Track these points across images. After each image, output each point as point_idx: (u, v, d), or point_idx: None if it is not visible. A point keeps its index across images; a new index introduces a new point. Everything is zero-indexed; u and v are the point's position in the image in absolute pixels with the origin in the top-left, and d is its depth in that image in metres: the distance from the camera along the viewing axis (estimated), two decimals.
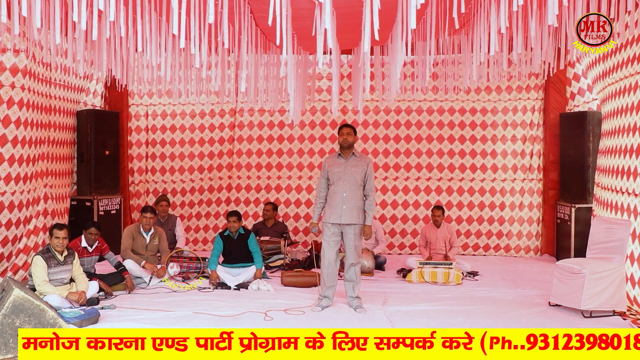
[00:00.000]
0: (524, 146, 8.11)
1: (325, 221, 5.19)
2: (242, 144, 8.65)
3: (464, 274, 6.56)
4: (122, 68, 5.33)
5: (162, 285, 6.10)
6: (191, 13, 3.65)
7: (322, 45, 3.34)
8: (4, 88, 5.79)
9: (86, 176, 7.60)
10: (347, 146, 5.16)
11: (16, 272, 5.97)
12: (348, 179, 5.11)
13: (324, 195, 5.25)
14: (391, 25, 4.74)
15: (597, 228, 5.32)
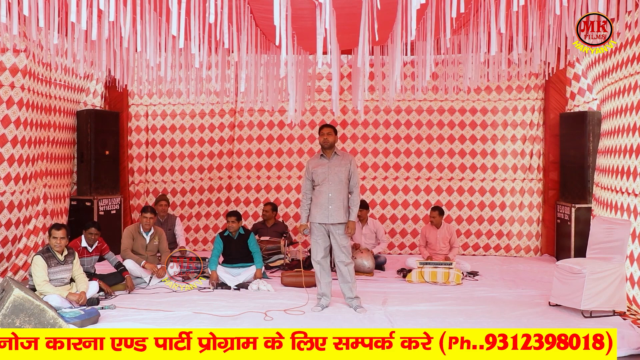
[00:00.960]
0: (524, 146, 8.11)
1: (312, 221, 5.21)
2: (242, 144, 8.64)
3: (464, 274, 6.56)
4: (122, 68, 5.33)
5: (162, 285, 6.10)
6: (191, 13, 3.65)
7: (322, 45, 3.35)
8: (4, 88, 5.79)
9: (86, 176, 7.60)
10: (328, 146, 5.21)
11: (16, 272, 5.97)
12: (332, 178, 5.14)
13: (310, 196, 5.28)
14: (391, 25, 4.74)
15: (597, 228, 5.32)
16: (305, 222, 5.34)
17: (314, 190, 5.25)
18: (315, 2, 3.36)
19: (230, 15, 3.89)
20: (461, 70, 6.11)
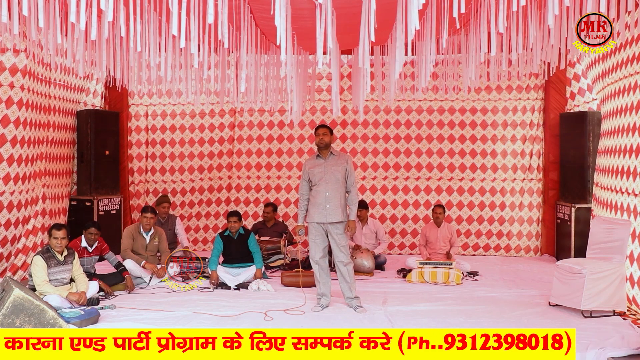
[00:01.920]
0: (524, 146, 8.11)
1: (310, 221, 5.22)
2: (242, 144, 8.64)
3: (464, 274, 6.56)
4: (122, 68, 5.33)
5: (162, 285, 6.10)
6: (191, 13, 3.65)
7: (322, 45, 3.34)
8: (3, 88, 5.79)
9: (86, 176, 7.60)
10: (324, 146, 5.22)
11: (15, 272, 5.97)
12: (329, 178, 5.15)
13: (307, 197, 5.29)
14: (391, 25, 4.74)
15: (597, 228, 5.32)
16: (302, 223, 5.36)
17: (311, 191, 5.26)
18: (315, 2, 3.36)
19: (230, 15, 3.89)
20: (461, 70, 6.11)
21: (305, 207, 5.31)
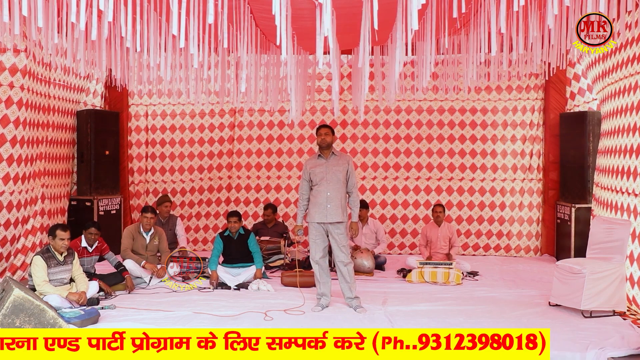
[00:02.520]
0: (524, 146, 8.11)
1: (310, 221, 5.22)
2: (242, 144, 8.64)
3: (464, 274, 6.55)
4: (122, 68, 5.33)
5: (162, 285, 6.10)
6: (191, 13, 3.65)
7: (322, 45, 3.34)
8: (3, 88, 5.79)
9: (86, 176, 7.60)
10: (326, 146, 5.22)
11: (14, 272, 5.96)
12: (331, 178, 5.15)
13: (307, 197, 5.29)
14: (391, 25, 4.74)
15: (597, 228, 5.32)
16: (300, 223, 5.36)
17: (311, 191, 5.26)
18: (315, 2, 3.36)
19: (230, 15, 3.89)
20: (461, 70, 6.11)
21: (305, 207, 5.30)
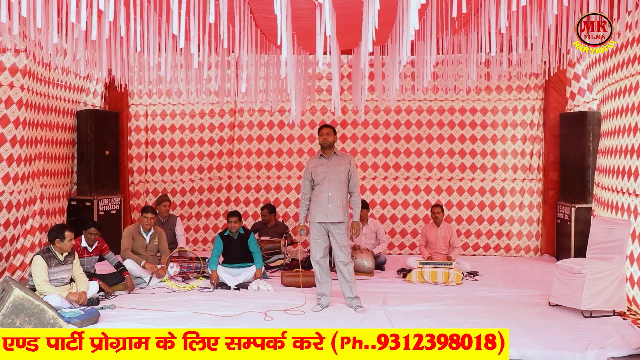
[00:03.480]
0: (524, 146, 8.11)
1: (311, 221, 5.22)
2: (242, 144, 8.64)
3: (464, 274, 6.55)
4: (122, 68, 5.33)
5: (162, 285, 6.10)
6: (191, 13, 3.65)
7: (322, 45, 3.34)
8: (3, 88, 5.79)
9: (86, 176, 7.60)
10: (328, 146, 5.22)
11: (14, 272, 5.96)
12: (332, 178, 5.15)
13: (309, 197, 5.29)
14: (391, 25, 4.74)
15: (597, 228, 5.32)
16: (303, 222, 5.35)
17: (313, 191, 5.26)
18: (315, 2, 3.36)
19: (230, 15, 3.88)
20: (461, 70, 6.11)
21: (307, 207, 5.30)
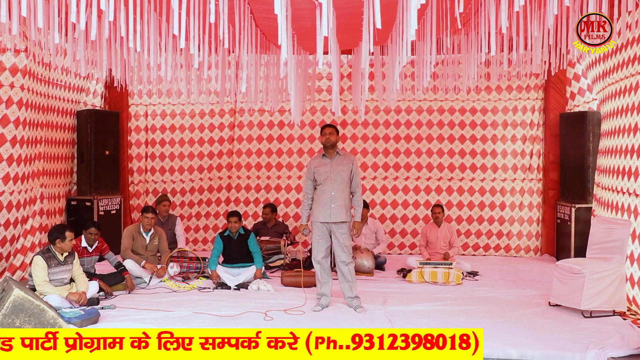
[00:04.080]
0: (524, 146, 8.11)
1: (314, 220, 5.21)
2: (242, 143, 8.64)
3: (464, 274, 6.55)
4: (122, 68, 5.32)
5: (162, 285, 6.10)
6: (191, 13, 3.65)
7: (322, 45, 3.34)
8: (3, 88, 5.79)
9: (86, 176, 7.60)
10: (330, 145, 5.21)
11: (14, 272, 5.96)
12: (335, 177, 5.15)
13: (311, 196, 5.28)
14: (391, 25, 4.73)
15: (597, 228, 5.32)
16: (305, 222, 5.35)
17: (315, 190, 5.25)
18: (315, 2, 3.36)
19: (230, 15, 3.89)
20: (461, 70, 6.11)
21: (309, 206, 5.29)
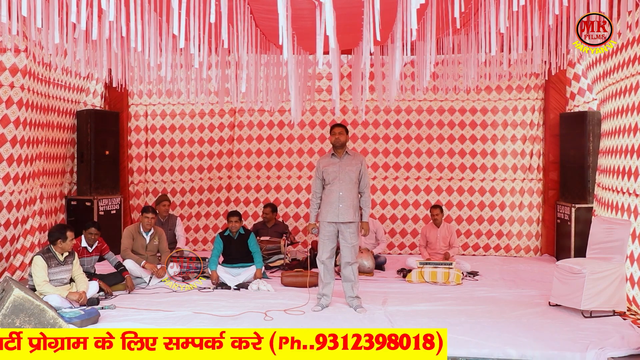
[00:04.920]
0: (524, 146, 8.11)
1: (322, 220, 5.21)
2: (242, 143, 8.64)
3: (464, 274, 6.55)
4: (123, 68, 5.32)
5: (162, 285, 6.10)
6: (191, 13, 3.65)
7: (322, 45, 3.34)
8: (4, 88, 5.79)
9: (86, 176, 7.60)
10: (340, 145, 5.21)
11: (13, 272, 5.96)
12: (343, 177, 5.14)
13: (320, 195, 5.28)
14: (391, 25, 4.74)
15: (597, 228, 5.32)
16: (314, 221, 5.35)
17: (324, 190, 5.25)
18: (315, 2, 3.36)
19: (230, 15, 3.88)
20: (461, 70, 6.11)
21: (318, 205, 5.29)
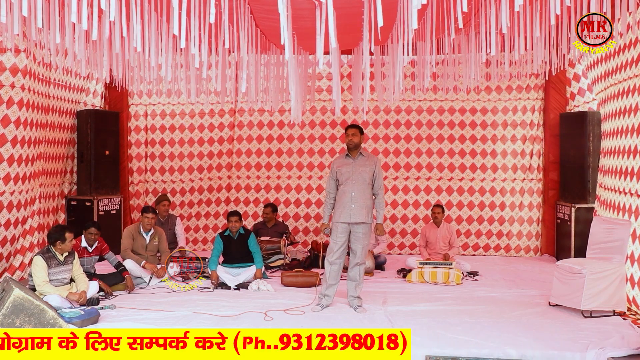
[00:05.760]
0: (524, 146, 8.11)
1: (334, 221, 5.22)
2: (242, 143, 8.64)
3: (464, 274, 6.55)
4: (123, 68, 5.32)
5: (162, 285, 6.10)
6: (191, 13, 3.65)
7: (322, 45, 3.34)
8: (4, 88, 5.79)
9: (86, 176, 7.59)
10: (354, 146, 5.22)
11: (13, 273, 5.96)
12: (357, 178, 5.15)
13: (334, 196, 5.29)
14: (391, 25, 4.74)
15: (597, 228, 5.32)
16: (327, 221, 5.35)
17: (337, 190, 5.26)
18: (315, 2, 3.36)
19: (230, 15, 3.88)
20: (461, 70, 6.11)
21: (332, 206, 5.30)
